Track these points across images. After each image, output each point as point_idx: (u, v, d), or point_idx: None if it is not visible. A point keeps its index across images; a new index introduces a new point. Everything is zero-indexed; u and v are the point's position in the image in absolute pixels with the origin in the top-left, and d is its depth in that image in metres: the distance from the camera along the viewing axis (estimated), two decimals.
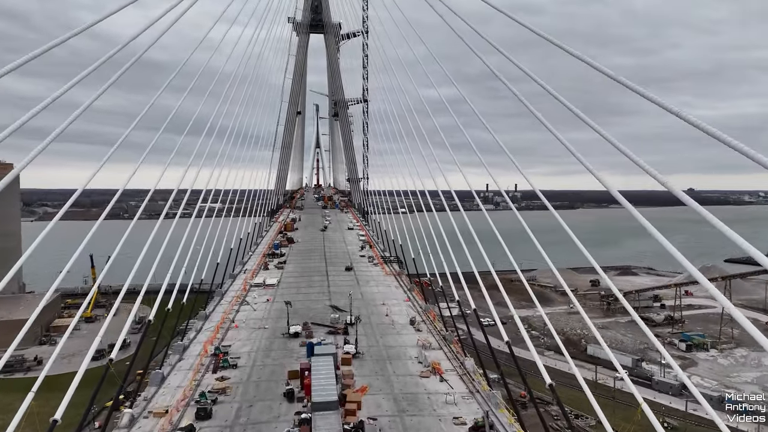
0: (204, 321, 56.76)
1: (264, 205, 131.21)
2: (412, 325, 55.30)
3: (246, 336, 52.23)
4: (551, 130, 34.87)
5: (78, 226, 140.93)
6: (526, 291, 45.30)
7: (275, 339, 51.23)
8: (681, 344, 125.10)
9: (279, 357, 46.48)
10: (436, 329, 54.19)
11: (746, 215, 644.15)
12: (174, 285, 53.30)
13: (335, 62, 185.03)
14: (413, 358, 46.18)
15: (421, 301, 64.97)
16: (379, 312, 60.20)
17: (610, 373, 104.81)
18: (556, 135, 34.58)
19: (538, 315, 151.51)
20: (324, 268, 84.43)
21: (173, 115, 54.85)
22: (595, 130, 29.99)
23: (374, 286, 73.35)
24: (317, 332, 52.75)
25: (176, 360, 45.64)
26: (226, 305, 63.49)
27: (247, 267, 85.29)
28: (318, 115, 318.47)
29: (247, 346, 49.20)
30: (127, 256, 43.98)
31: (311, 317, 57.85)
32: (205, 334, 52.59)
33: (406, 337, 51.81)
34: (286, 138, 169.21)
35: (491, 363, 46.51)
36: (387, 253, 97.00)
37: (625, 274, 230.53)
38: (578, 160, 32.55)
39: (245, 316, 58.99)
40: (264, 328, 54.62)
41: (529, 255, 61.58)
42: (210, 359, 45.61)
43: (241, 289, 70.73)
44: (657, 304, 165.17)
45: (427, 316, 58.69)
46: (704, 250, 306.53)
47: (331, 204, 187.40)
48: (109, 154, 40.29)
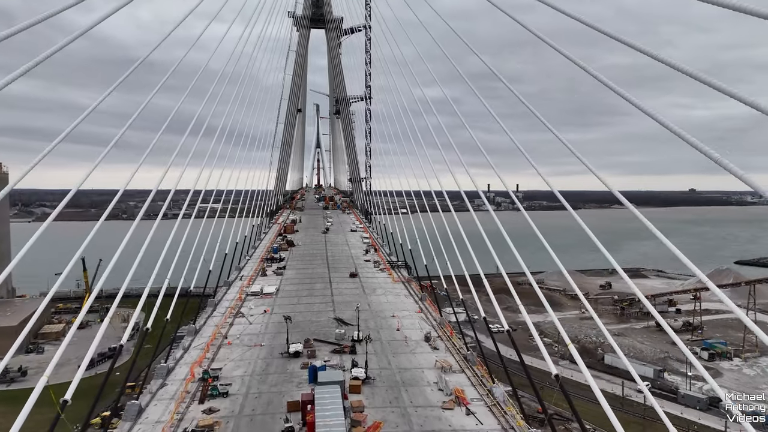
0: (193, 336, 50.54)
1: (263, 205, 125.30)
2: (428, 341, 49.03)
3: (240, 355, 45.97)
4: (554, 132, 35.61)
5: (76, 226, 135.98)
6: (534, 295, 40.75)
7: (273, 359, 44.97)
8: (703, 353, 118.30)
9: (277, 382, 40.25)
10: (455, 347, 47.93)
11: (750, 216, 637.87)
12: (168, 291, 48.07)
13: (337, 58, 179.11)
14: (432, 383, 39.93)
15: (435, 313, 58.68)
16: (389, 326, 53.95)
17: (631, 385, 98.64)
18: (559, 137, 35.14)
19: (549, 321, 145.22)
20: (327, 275, 78.20)
21: (170, 114, 51.57)
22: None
23: (382, 294, 67.10)
24: (321, 350, 46.55)
25: (158, 386, 39.42)
26: (219, 317, 57.29)
27: (243, 273, 79.05)
28: (318, 115, 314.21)
29: (240, 368, 42.94)
30: (119, 259, 39.99)
31: (313, 332, 51.64)
32: (193, 353, 46.37)
33: (421, 356, 45.54)
34: (286, 136, 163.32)
35: (501, 372, 43.56)
36: (394, 257, 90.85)
37: (635, 276, 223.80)
38: (583, 163, 33.05)
39: (240, 331, 52.74)
40: (260, 345, 48.37)
41: (535, 257, 59.21)
42: (197, 385, 39.40)
43: (236, 298, 64.50)
44: (672, 309, 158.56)
45: (444, 331, 52.42)
46: (708, 251, 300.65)
47: (333, 204, 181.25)
48: (103, 154, 37.66)
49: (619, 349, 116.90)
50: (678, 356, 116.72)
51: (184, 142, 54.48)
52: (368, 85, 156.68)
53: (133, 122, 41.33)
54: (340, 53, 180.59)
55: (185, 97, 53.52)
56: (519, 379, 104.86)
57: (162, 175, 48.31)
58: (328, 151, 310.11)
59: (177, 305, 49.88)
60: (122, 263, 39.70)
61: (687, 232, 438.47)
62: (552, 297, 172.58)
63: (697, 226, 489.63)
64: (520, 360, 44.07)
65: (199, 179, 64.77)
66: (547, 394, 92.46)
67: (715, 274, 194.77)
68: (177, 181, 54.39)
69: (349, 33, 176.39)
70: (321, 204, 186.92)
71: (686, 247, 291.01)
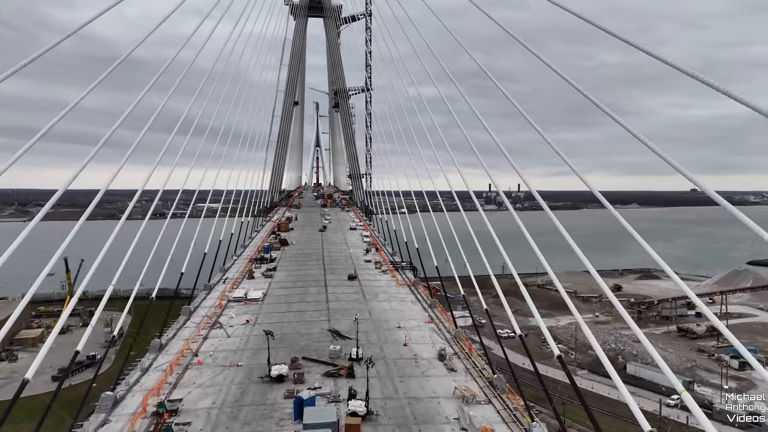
0: (156, 354, 41.54)
1: (256, 202, 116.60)
2: (442, 360, 40.04)
3: (210, 378, 36.98)
4: (539, 131, 34.49)
5: (70, 226, 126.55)
6: (541, 297, 33.42)
7: (251, 385, 35.98)
8: (732, 361, 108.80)
9: (253, 418, 31.25)
10: (477, 368, 38.93)
11: (754, 216, 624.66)
12: None
13: (335, 48, 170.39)
14: (451, 419, 30.95)
15: (449, 323, 49.64)
16: (394, 339, 44.95)
17: (656, 396, 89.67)
18: (543, 137, 33.90)
19: (562, 326, 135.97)
20: (322, 277, 69.22)
21: (156, 112, 45.90)
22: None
23: (385, 300, 58.10)
24: (311, 373, 37.63)
25: (98, 424, 30.50)
26: (192, 328, 48.31)
27: (228, 275, 70.07)
28: (318, 113, 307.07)
29: (208, 398, 33.94)
30: (106, 260, 37.89)
31: (303, 348, 42.72)
32: (153, 375, 37.40)
33: (435, 381, 36.53)
34: (282, 131, 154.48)
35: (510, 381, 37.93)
36: (397, 258, 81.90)
37: (647, 277, 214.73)
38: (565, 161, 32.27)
39: (215, 346, 43.73)
40: (237, 365, 39.39)
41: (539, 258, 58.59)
42: (149, 422, 30.42)
43: (216, 305, 55.53)
44: (692, 312, 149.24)
45: (461, 347, 43.40)
46: (719, 253, 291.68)
47: (332, 202, 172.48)
48: (92, 154, 35.45)
49: (646, 357, 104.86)
50: (707, 365, 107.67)
51: (175, 141, 51.92)
52: (368, 64, 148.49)
53: (126, 121, 39.04)
54: (339, 43, 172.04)
55: (170, 94, 48.59)
56: (532, 391, 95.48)
57: (147, 176, 45.82)
58: (328, 150, 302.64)
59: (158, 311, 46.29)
60: (109, 264, 37.90)
61: (691, 233, 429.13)
62: (561, 299, 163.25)
63: (700, 226, 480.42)
64: (535, 371, 38.08)
65: (188, 179, 62.84)
66: (568, 410, 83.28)
67: (732, 275, 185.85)
68: (165, 181, 52.97)
69: (349, 21, 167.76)
70: (319, 202, 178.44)
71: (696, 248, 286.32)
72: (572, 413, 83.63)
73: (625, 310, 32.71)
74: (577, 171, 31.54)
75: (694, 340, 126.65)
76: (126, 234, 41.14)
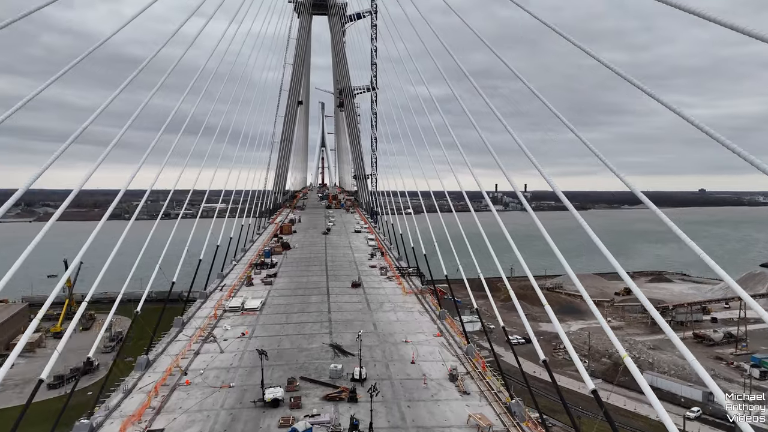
0: (142, 372, 38.19)
1: (259, 204, 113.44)
2: (454, 381, 36.43)
3: (198, 403, 33.54)
4: (574, 131, 32.76)
5: (77, 226, 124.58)
6: (554, 300, 29.79)
7: (243, 410, 32.52)
8: (753, 370, 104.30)
9: None
10: (492, 390, 35.30)
11: (765, 216, 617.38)
12: None
13: (340, 46, 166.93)
14: None
15: (460, 337, 46.01)
16: (401, 357, 41.36)
17: (677, 410, 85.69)
18: (578, 136, 32.34)
19: (574, 330, 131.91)
20: (325, 284, 65.74)
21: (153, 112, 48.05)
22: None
23: (390, 311, 54.52)
24: (309, 396, 34.16)
25: None
26: (184, 342, 44.96)
27: (226, 282, 66.73)
28: (323, 113, 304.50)
29: (194, 426, 30.51)
30: (103, 261, 39.19)
31: (302, 366, 39.26)
32: (136, 398, 34.03)
33: (447, 406, 32.93)
34: (286, 130, 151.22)
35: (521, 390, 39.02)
36: (403, 263, 78.40)
37: (659, 280, 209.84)
38: (604, 163, 30.11)
39: (206, 363, 40.35)
40: (229, 386, 35.96)
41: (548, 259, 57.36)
42: None
43: (210, 315, 52.18)
44: (707, 317, 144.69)
45: (474, 365, 39.77)
46: (732, 254, 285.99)
47: (336, 203, 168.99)
48: (103, 155, 36.79)
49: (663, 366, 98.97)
50: (726, 374, 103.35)
51: (181, 142, 53.94)
52: (374, 62, 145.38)
53: (133, 122, 41.07)
54: (344, 41, 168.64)
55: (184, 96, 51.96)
56: (545, 402, 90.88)
57: (156, 176, 47.41)
58: (333, 150, 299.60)
59: None
60: (111, 266, 38.30)
61: (701, 234, 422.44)
62: (572, 303, 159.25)
63: (710, 227, 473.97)
64: (557, 390, 37.49)
65: (198, 179, 64.21)
66: (583, 422, 79.49)
67: (748, 278, 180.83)
68: (175, 182, 54.97)
69: (354, 19, 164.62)
70: (324, 203, 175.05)
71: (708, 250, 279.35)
72: (587, 425, 79.70)
73: (662, 318, 30.24)
74: (615, 170, 28.95)
75: (711, 347, 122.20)
76: (126, 234, 41.23)
